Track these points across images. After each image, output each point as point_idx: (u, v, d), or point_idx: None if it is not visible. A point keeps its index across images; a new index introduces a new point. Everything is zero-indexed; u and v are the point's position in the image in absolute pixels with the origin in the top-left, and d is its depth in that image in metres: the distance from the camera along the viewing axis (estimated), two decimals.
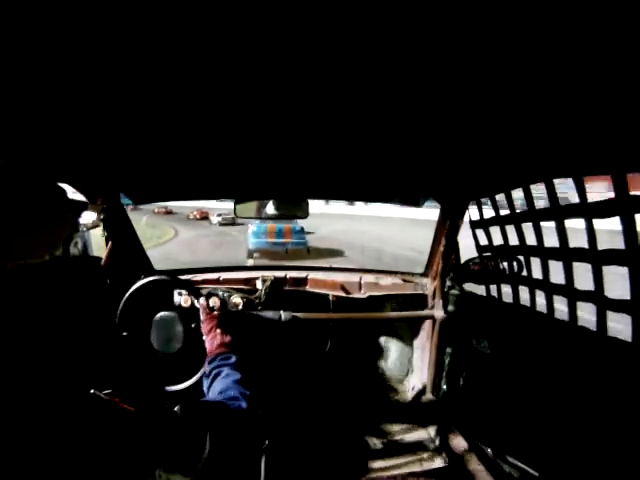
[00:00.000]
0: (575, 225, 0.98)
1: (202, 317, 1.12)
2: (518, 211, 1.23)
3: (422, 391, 1.82)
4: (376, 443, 1.63)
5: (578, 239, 1.03)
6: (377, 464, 1.48)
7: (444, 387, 1.74)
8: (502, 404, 1.27)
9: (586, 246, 0.95)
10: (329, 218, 18.06)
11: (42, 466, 0.43)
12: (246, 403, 0.72)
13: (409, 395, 1.89)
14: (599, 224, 0.93)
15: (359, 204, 24.75)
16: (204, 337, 1.04)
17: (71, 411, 0.49)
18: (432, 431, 1.64)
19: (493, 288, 1.46)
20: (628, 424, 0.79)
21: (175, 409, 0.59)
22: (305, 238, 8.93)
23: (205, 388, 0.87)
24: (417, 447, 1.59)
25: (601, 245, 0.93)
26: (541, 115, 0.74)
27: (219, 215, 19.25)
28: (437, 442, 1.57)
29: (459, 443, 1.46)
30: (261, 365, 1.46)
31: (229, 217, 18.00)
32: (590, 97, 0.64)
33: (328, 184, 1.55)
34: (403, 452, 1.57)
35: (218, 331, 1.02)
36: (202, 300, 1.23)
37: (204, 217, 22.34)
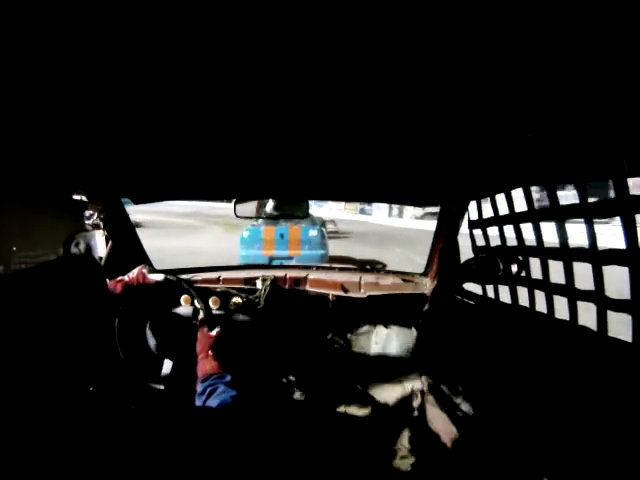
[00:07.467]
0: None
1: (198, 335, 1.05)
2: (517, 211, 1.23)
3: (422, 391, 1.82)
4: (375, 442, 1.63)
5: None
6: (375, 463, 1.48)
7: (443, 386, 1.74)
8: (501, 404, 1.27)
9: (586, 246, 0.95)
10: None
11: (42, 463, 0.43)
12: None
13: (409, 395, 1.89)
14: None
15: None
16: (199, 356, 0.98)
17: (70, 408, 0.49)
18: (431, 430, 1.64)
19: (492, 288, 1.46)
20: (628, 424, 0.79)
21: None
22: (326, 248, 5.75)
23: (200, 404, 0.85)
24: (416, 446, 1.59)
25: None
26: (541, 116, 0.74)
27: None
28: (436, 441, 1.57)
29: (458, 441, 1.46)
30: (258, 370, 1.46)
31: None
32: (590, 99, 0.64)
33: (329, 185, 1.55)
34: (402, 451, 1.57)
35: (211, 353, 0.97)
36: (199, 303, 1.17)
37: None
